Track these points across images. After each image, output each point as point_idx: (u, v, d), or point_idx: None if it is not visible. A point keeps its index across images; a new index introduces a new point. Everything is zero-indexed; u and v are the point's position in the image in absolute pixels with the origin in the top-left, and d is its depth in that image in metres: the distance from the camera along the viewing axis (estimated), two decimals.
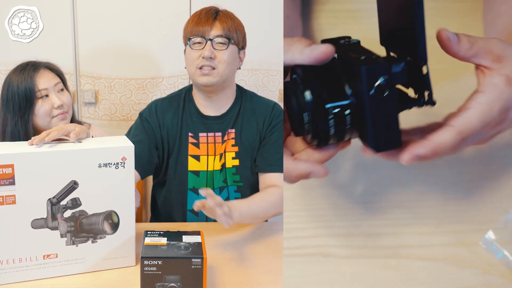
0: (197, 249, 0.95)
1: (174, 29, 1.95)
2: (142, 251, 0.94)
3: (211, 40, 1.28)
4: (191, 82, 1.41)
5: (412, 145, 0.72)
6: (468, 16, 1.00)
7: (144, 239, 0.98)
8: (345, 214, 0.93)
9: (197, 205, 1.04)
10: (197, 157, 1.36)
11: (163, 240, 0.98)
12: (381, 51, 0.83)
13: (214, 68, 1.29)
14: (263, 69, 1.98)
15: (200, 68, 1.29)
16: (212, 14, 1.32)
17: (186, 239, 0.99)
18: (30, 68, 1.31)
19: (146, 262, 0.92)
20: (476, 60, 0.74)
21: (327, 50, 0.73)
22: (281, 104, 1.50)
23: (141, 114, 1.41)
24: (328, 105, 0.71)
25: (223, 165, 1.36)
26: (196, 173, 1.36)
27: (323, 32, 1.03)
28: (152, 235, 1.00)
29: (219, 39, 1.29)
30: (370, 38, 1.02)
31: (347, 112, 0.71)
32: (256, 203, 1.24)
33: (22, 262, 1.02)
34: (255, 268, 1.10)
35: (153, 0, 1.92)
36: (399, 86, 0.76)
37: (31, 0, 1.24)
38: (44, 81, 1.31)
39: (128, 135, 1.37)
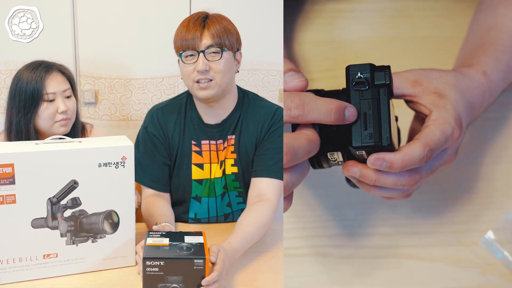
0: (199, 249, 0.95)
1: (174, 29, 1.94)
2: (144, 252, 0.93)
3: (203, 52, 1.21)
4: None
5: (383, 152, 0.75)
6: (468, 16, 1.00)
7: (146, 239, 0.98)
8: (345, 214, 0.93)
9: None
10: (200, 166, 1.32)
11: (165, 241, 0.98)
12: (379, 54, 0.82)
13: (211, 80, 1.22)
14: (263, 69, 1.98)
15: (197, 81, 1.22)
16: (200, 23, 1.23)
17: (188, 239, 0.99)
18: (42, 69, 1.30)
19: (148, 263, 0.92)
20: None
21: None
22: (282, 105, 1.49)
23: (145, 128, 1.33)
24: None
25: (223, 172, 1.33)
26: (200, 181, 1.33)
27: (321, 32, 1.03)
28: (154, 235, 1.00)
29: (212, 49, 1.21)
30: (369, 38, 1.02)
31: None
32: (251, 235, 1.15)
33: (22, 262, 1.02)
34: (255, 268, 1.10)
35: (153, 0, 1.92)
36: None
37: (31, 0, 1.24)
38: (54, 84, 1.30)
39: (136, 151, 1.23)
